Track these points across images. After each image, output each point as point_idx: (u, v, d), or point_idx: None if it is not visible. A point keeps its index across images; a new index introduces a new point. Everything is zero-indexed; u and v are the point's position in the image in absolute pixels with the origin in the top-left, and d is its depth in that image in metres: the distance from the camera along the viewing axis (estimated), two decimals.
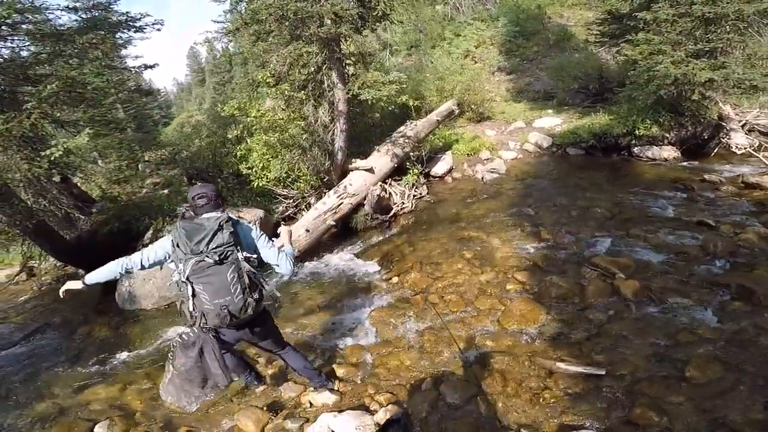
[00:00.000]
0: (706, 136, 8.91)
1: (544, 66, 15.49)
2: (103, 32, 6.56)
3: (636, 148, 9.17)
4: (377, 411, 3.26)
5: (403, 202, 7.92)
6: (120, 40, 7.69)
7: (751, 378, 3.07)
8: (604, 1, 12.09)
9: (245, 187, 8.25)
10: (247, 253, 2.64)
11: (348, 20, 6.29)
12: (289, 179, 7.96)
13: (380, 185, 7.65)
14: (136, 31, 7.26)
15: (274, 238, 3.08)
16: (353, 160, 7.70)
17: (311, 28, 6.20)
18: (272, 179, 7.87)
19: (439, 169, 9.33)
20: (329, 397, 3.52)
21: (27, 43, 5.98)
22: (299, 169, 7.82)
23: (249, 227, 2.79)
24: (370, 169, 7.56)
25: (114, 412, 3.85)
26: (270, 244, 2.80)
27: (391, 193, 7.92)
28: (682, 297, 4.15)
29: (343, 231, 7.51)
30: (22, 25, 5.73)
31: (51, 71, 5.99)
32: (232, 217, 2.69)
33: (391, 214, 7.71)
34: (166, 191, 8.73)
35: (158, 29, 7.58)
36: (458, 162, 9.73)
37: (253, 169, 7.89)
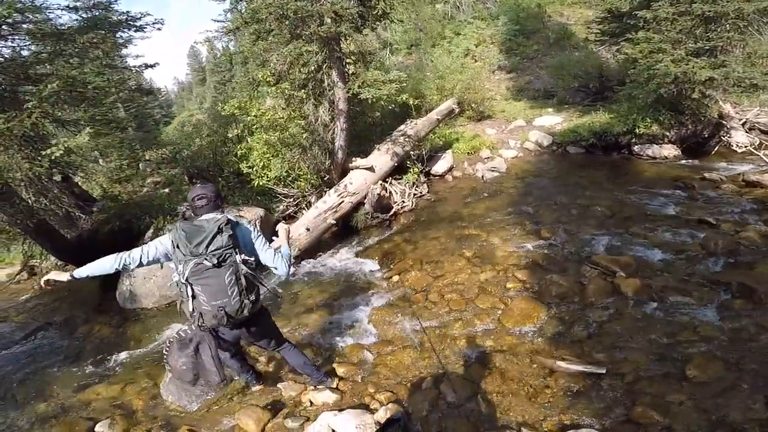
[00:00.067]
0: (707, 135, 8.92)
1: (545, 64, 15.51)
2: (104, 31, 6.55)
3: (636, 147, 9.19)
4: (377, 410, 3.27)
5: (404, 201, 7.92)
6: (120, 40, 7.66)
7: (752, 376, 3.07)
8: (604, 0, 12.07)
9: (246, 186, 8.25)
10: (245, 255, 2.66)
11: (348, 19, 6.29)
12: (290, 178, 7.97)
13: (381, 184, 7.65)
14: (137, 31, 7.25)
15: (274, 237, 3.11)
16: (354, 158, 7.69)
17: (311, 27, 6.20)
18: (273, 178, 7.88)
19: (439, 168, 9.33)
20: (329, 396, 3.52)
21: (28, 42, 5.97)
22: (300, 168, 7.83)
23: (248, 229, 2.80)
24: (371, 168, 7.56)
25: (115, 411, 3.86)
26: (267, 246, 2.81)
27: (391, 192, 7.92)
28: (682, 295, 4.15)
29: (344, 230, 7.51)
30: (23, 25, 5.72)
31: (52, 70, 5.98)
32: (231, 219, 2.70)
33: (392, 212, 7.71)
34: (167, 190, 8.71)
35: (158, 28, 7.57)
36: (459, 161, 9.74)
37: (254, 168, 7.89)
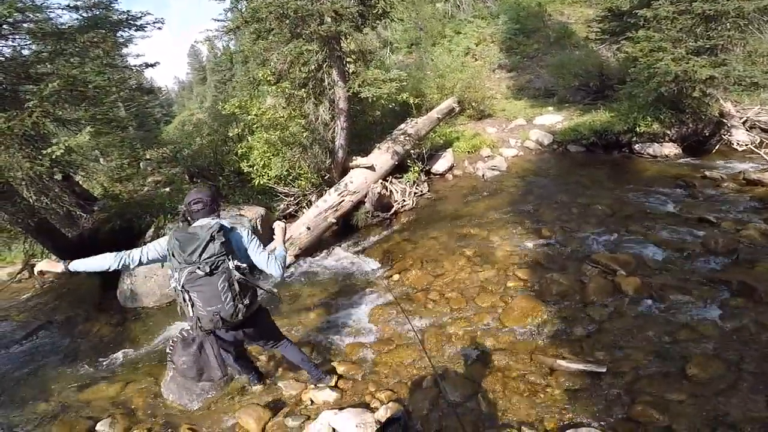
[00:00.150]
0: (707, 133, 8.91)
1: (545, 63, 15.48)
2: (104, 31, 6.55)
3: (637, 145, 9.18)
4: (378, 408, 3.28)
5: (404, 200, 7.93)
6: (121, 39, 7.66)
7: (752, 375, 3.07)
8: None
9: (246, 185, 8.26)
10: (238, 261, 2.72)
11: (348, 18, 6.28)
12: (290, 177, 7.98)
13: (381, 183, 7.65)
14: (137, 30, 7.25)
15: (274, 236, 3.14)
16: (354, 157, 7.69)
17: (311, 26, 6.20)
18: (273, 177, 7.88)
19: (439, 167, 9.33)
20: (330, 395, 3.53)
21: (28, 41, 5.97)
22: (300, 167, 7.84)
23: (240, 234, 2.85)
24: (371, 167, 7.56)
25: (115, 410, 3.87)
26: (261, 250, 2.86)
27: (391, 191, 7.92)
28: (683, 294, 4.14)
29: (344, 228, 7.52)
30: (24, 24, 5.73)
31: (52, 70, 5.99)
32: (225, 225, 2.76)
33: (392, 211, 7.72)
34: (168, 189, 8.72)
35: (159, 28, 7.57)
36: (459, 159, 9.74)
37: (255, 167, 7.90)
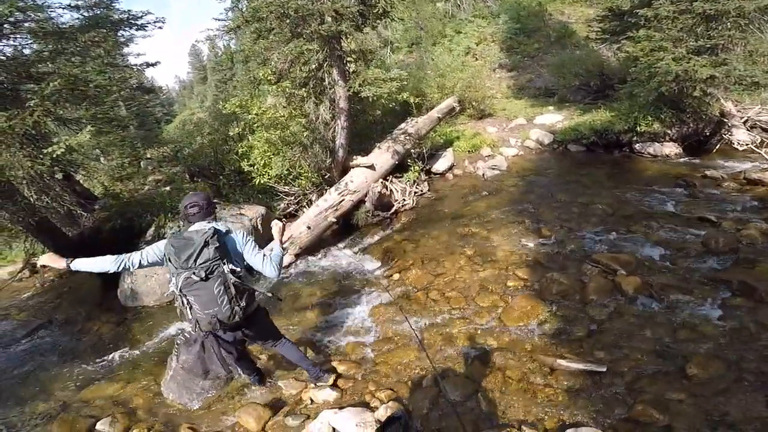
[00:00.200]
0: (708, 133, 8.90)
1: (545, 63, 15.46)
2: (105, 30, 6.55)
3: (637, 145, 9.17)
4: (378, 408, 3.28)
5: (404, 199, 7.93)
6: (122, 38, 7.66)
7: (752, 375, 3.07)
8: None
9: (247, 184, 8.27)
10: (233, 265, 2.79)
11: (348, 17, 6.28)
12: (291, 176, 7.98)
13: (381, 182, 7.65)
14: (138, 29, 7.25)
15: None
16: (354, 157, 7.69)
17: (312, 26, 6.20)
18: (274, 176, 7.89)
19: (440, 166, 9.33)
20: (330, 394, 3.53)
21: (29, 41, 5.97)
22: (300, 167, 7.84)
23: (234, 237, 2.91)
24: (371, 166, 7.56)
25: (116, 409, 3.88)
26: (256, 252, 2.93)
27: (392, 190, 7.91)
28: (683, 294, 4.14)
29: (345, 228, 7.52)
30: (25, 23, 5.73)
31: (53, 69, 6.00)
32: (219, 229, 2.82)
33: (392, 211, 7.72)
34: (168, 188, 8.72)
35: (160, 27, 7.57)
36: (459, 159, 9.73)
37: (255, 167, 7.91)
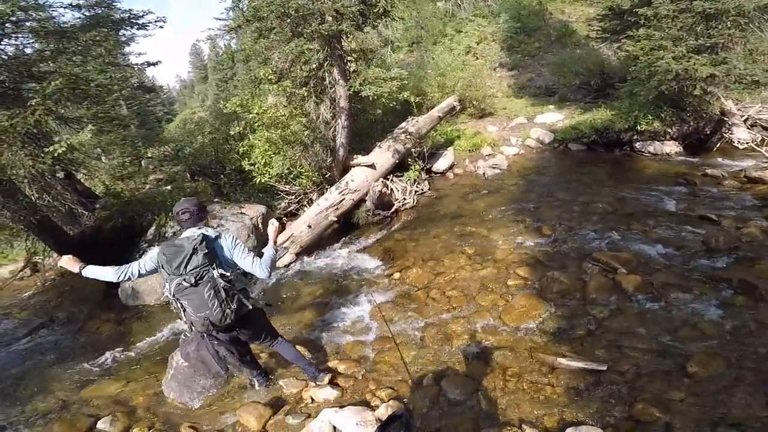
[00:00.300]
0: (709, 131, 8.89)
1: (546, 62, 15.43)
2: (106, 29, 6.56)
3: (638, 144, 9.16)
4: (378, 406, 3.28)
5: (405, 198, 7.93)
6: (123, 38, 7.68)
7: (753, 373, 3.07)
8: None
9: (248, 183, 8.28)
10: (223, 269, 2.89)
11: (349, 17, 6.29)
12: (291, 175, 7.99)
13: (382, 181, 7.65)
14: (139, 29, 7.28)
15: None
16: (355, 156, 7.70)
17: (312, 25, 6.21)
18: (274, 175, 7.89)
19: (440, 165, 9.32)
20: (330, 393, 3.54)
21: (31, 40, 5.99)
22: (301, 166, 7.84)
23: (222, 243, 2.98)
24: (372, 165, 7.56)
25: (116, 408, 3.88)
26: (246, 254, 3.00)
27: (392, 189, 7.91)
28: (683, 292, 4.14)
29: (345, 227, 7.53)
30: (26, 23, 5.75)
31: (55, 68, 6.01)
32: (208, 235, 2.91)
33: (393, 210, 7.72)
34: (169, 187, 8.74)
35: (161, 26, 7.59)
36: (460, 158, 9.73)
37: (256, 166, 7.91)
